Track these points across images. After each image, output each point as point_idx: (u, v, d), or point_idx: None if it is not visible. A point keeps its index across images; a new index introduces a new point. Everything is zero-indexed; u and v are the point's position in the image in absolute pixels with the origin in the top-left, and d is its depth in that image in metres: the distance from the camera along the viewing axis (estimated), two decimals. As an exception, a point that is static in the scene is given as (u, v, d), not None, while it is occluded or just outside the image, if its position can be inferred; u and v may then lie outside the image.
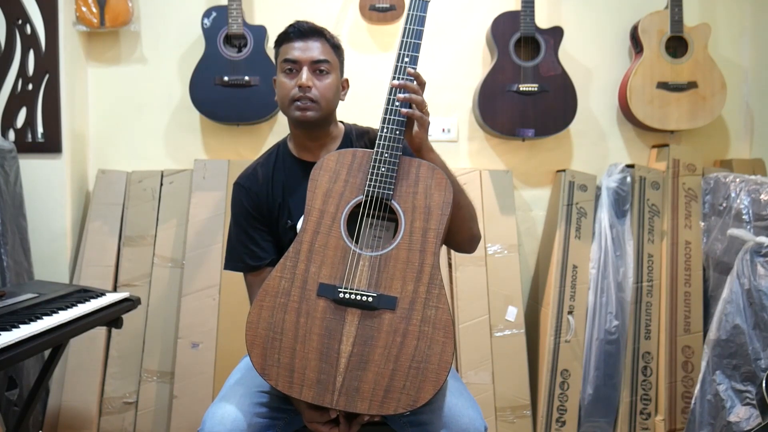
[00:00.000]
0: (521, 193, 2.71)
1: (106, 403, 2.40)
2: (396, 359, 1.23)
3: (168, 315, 2.45)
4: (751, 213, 2.26)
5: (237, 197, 1.61)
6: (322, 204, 1.37)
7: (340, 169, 1.39)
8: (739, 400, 2.05)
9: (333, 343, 1.26)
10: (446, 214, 1.32)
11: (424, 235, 1.30)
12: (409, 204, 1.34)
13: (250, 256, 1.56)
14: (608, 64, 2.71)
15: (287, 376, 1.26)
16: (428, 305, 1.25)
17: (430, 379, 1.21)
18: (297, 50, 1.51)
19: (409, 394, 1.21)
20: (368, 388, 1.23)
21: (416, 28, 1.42)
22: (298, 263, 1.33)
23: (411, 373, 1.22)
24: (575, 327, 2.44)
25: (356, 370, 1.23)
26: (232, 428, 1.30)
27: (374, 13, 2.54)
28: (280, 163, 1.62)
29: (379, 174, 1.35)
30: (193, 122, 2.65)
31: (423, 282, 1.27)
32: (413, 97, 1.37)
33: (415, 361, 1.22)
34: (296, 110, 1.50)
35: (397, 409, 1.21)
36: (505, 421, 2.42)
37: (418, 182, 1.35)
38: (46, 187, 2.47)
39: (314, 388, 1.25)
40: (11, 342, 1.42)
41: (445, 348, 1.22)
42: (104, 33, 2.62)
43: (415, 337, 1.23)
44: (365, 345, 1.24)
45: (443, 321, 1.24)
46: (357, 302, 1.27)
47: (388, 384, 1.22)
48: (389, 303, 1.26)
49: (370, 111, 2.65)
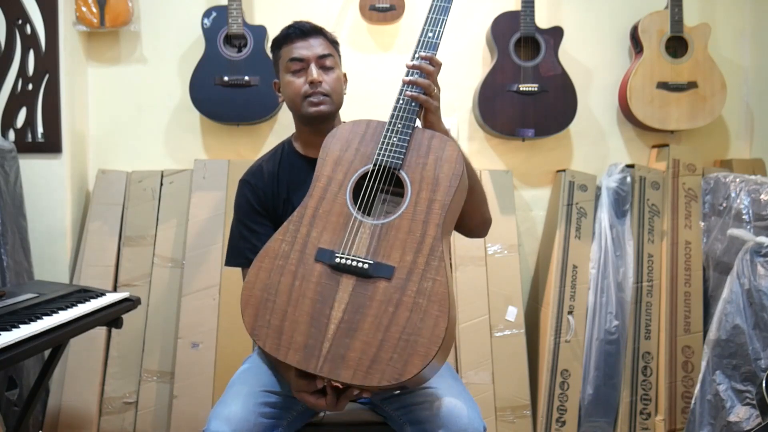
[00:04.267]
0: (521, 193, 2.71)
1: (106, 403, 2.40)
2: (386, 330, 1.18)
3: (168, 315, 2.45)
4: (751, 213, 2.26)
5: (242, 193, 1.61)
6: (331, 171, 1.35)
7: (352, 138, 1.38)
8: (739, 400, 2.05)
9: (324, 308, 1.23)
10: (454, 186, 1.28)
11: (429, 206, 1.27)
12: (417, 174, 1.31)
13: (251, 251, 1.55)
14: (608, 64, 2.71)
15: (275, 337, 1.23)
16: (425, 277, 1.21)
17: (419, 353, 1.15)
18: (302, 48, 1.52)
19: (395, 366, 1.15)
20: (354, 356, 1.18)
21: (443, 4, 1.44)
22: (300, 227, 1.31)
23: (400, 345, 1.17)
24: (575, 327, 2.44)
25: (344, 338, 1.19)
26: (237, 428, 1.30)
27: (374, 13, 2.54)
28: (285, 161, 1.63)
29: (390, 144, 1.34)
30: (193, 122, 2.65)
31: (423, 253, 1.23)
32: (419, 81, 1.36)
33: (405, 333, 1.17)
34: (310, 106, 1.51)
35: (381, 381, 1.16)
36: (505, 421, 2.42)
37: (429, 153, 1.33)
38: (46, 187, 2.47)
39: (300, 352, 1.21)
40: (11, 342, 1.42)
41: (438, 322, 1.17)
42: (104, 33, 2.62)
43: (408, 308, 1.19)
44: (356, 312, 1.21)
45: (439, 294, 1.19)
46: (353, 268, 1.24)
47: (375, 354, 1.17)
48: (386, 271, 1.23)
49: (371, 111, 2.65)
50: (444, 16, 1.42)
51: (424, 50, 1.40)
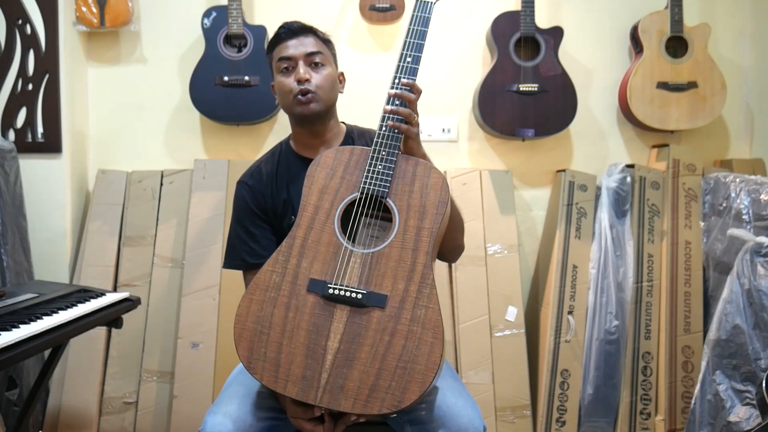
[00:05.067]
0: (521, 193, 2.71)
1: (106, 403, 2.40)
2: (383, 358, 1.20)
3: (168, 315, 2.45)
4: (751, 213, 2.26)
5: (240, 195, 1.61)
6: (317, 200, 1.36)
7: (337, 166, 1.39)
8: (739, 400, 2.05)
9: (320, 339, 1.24)
10: (441, 214, 1.30)
11: (417, 234, 1.29)
12: (404, 202, 1.33)
13: (249, 253, 1.56)
14: (608, 64, 2.71)
15: (273, 370, 1.24)
16: (418, 305, 1.22)
17: (417, 380, 1.18)
18: (290, 48, 1.53)
19: (395, 394, 1.18)
20: (353, 386, 1.20)
21: (420, 29, 1.43)
22: (290, 258, 1.32)
23: (397, 372, 1.19)
24: (575, 327, 2.44)
25: (342, 368, 1.21)
26: (233, 429, 1.30)
27: (374, 13, 2.54)
28: (283, 161, 1.63)
29: (375, 171, 1.34)
30: (193, 122, 2.65)
31: (414, 281, 1.25)
32: (400, 110, 1.36)
33: (402, 360, 1.19)
34: (298, 105, 1.52)
35: (381, 409, 1.18)
36: (505, 421, 2.42)
37: (415, 181, 1.34)
38: (46, 187, 2.47)
39: (299, 384, 1.22)
40: (11, 342, 1.42)
41: (434, 349, 1.19)
42: (104, 33, 2.62)
43: (404, 336, 1.21)
44: (352, 342, 1.22)
45: (433, 321, 1.21)
46: (346, 299, 1.26)
47: (373, 383, 1.19)
48: (379, 301, 1.24)
49: (370, 111, 2.66)
50: (422, 41, 1.42)
51: (405, 76, 1.40)
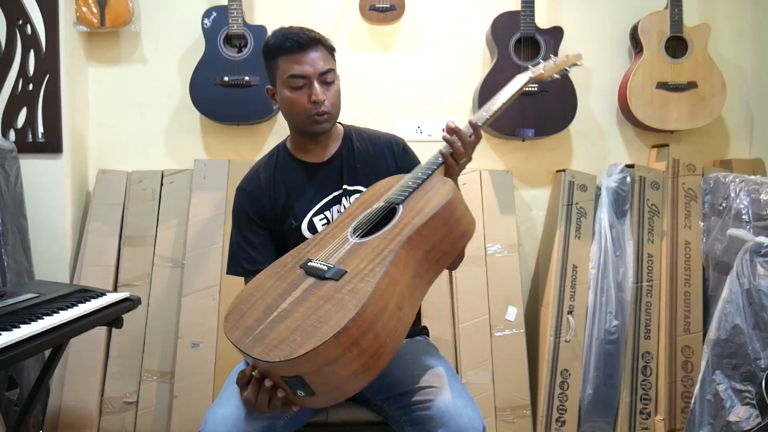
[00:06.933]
0: (521, 193, 2.71)
1: (107, 402, 2.41)
2: (307, 318, 1.20)
3: (168, 315, 2.45)
4: (750, 213, 2.26)
5: (239, 202, 1.62)
6: (354, 209, 1.48)
7: (384, 185, 1.52)
8: (739, 399, 2.05)
9: (280, 301, 1.28)
10: (430, 214, 1.32)
11: (402, 228, 1.32)
12: (410, 206, 1.38)
13: (248, 261, 1.58)
14: (608, 64, 2.71)
15: (235, 320, 1.30)
16: (363, 279, 1.23)
17: (316, 337, 1.14)
18: (304, 65, 1.50)
19: (291, 346, 1.15)
20: (272, 337, 1.20)
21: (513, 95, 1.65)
22: (308, 246, 1.43)
23: (308, 330, 1.17)
24: (575, 327, 2.44)
25: (275, 323, 1.23)
26: (233, 428, 1.31)
27: (374, 13, 2.54)
28: (281, 165, 1.63)
29: (402, 186, 1.44)
30: (193, 122, 2.66)
31: (374, 261, 1.26)
32: (455, 144, 1.47)
33: (316, 320, 1.18)
34: (314, 124, 1.54)
35: (274, 357, 1.16)
36: (505, 421, 2.42)
37: (428, 192, 1.41)
38: (47, 187, 2.47)
39: (241, 331, 1.26)
40: (11, 342, 1.42)
41: (346, 314, 1.15)
42: (104, 33, 2.62)
43: (334, 302, 1.20)
44: (297, 305, 1.25)
45: (362, 291, 1.19)
46: (315, 270, 1.31)
47: (285, 336, 1.19)
48: (336, 274, 1.27)
49: (370, 111, 2.67)
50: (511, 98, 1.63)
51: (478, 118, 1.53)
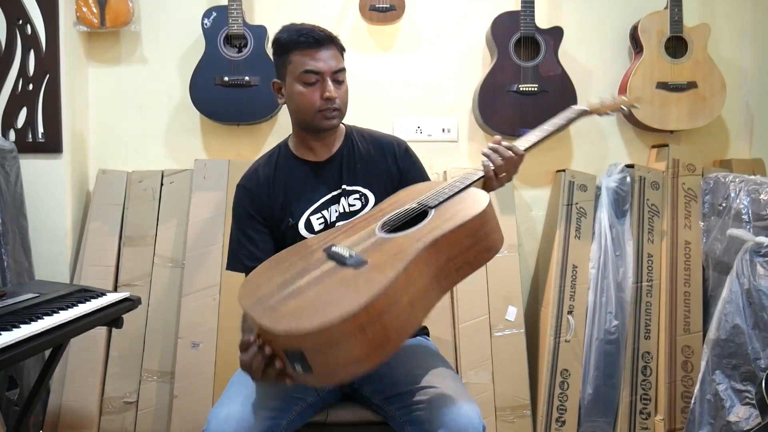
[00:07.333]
0: (521, 193, 2.71)
1: (107, 402, 2.41)
2: (320, 298, 1.20)
3: (168, 315, 2.46)
4: (750, 213, 2.26)
5: (238, 198, 1.62)
6: (386, 205, 1.50)
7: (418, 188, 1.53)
8: (739, 399, 2.05)
9: (297, 278, 1.28)
10: (458, 222, 1.30)
11: (430, 231, 1.30)
12: (442, 211, 1.37)
13: (248, 257, 1.58)
14: (608, 64, 2.71)
15: (251, 288, 1.32)
16: (381, 271, 1.21)
17: (324, 317, 1.12)
18: (319, 61, 1.52)
19: (299, 320, 1.15)
20: (283, 310, 1.20)
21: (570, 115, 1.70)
22: (335, 232, 1.46)
23: (317, 308, 1.17)
24: (575, 327, 2.44)
25: (288, 298, 1.23)
26: (237, 428, 1.31)
27: (374, 13, 2.54)
28: (281, 164, 1.63)
29: (437, 191, 1.44)
30: (193, 122, 2.66)
31: (396, 257, 1.25)
32: (496, 160, 1.50)
33: (328, 301, 1.18)
34: (324, 119, 1.54)
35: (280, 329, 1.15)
36: (505, 421, 2.42)
37: (462, 201, 1.40)
38: (47, 187, 2.47)
39: (254, 299, 1.26)
40: (11, 342, 1.42)
41: (358, 299, 1.12)
42: (104, 33, 2.62)
43: (349, 288, 1.20)
44: (313, 284, 1.25)
45: (378, 282, 1.17)
46: (337, 256, 1.30)
47: (294, 310, 1.19)
48: (357, 263, 1.26)
49: (370, 111, 2.67)
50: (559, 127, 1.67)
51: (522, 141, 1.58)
